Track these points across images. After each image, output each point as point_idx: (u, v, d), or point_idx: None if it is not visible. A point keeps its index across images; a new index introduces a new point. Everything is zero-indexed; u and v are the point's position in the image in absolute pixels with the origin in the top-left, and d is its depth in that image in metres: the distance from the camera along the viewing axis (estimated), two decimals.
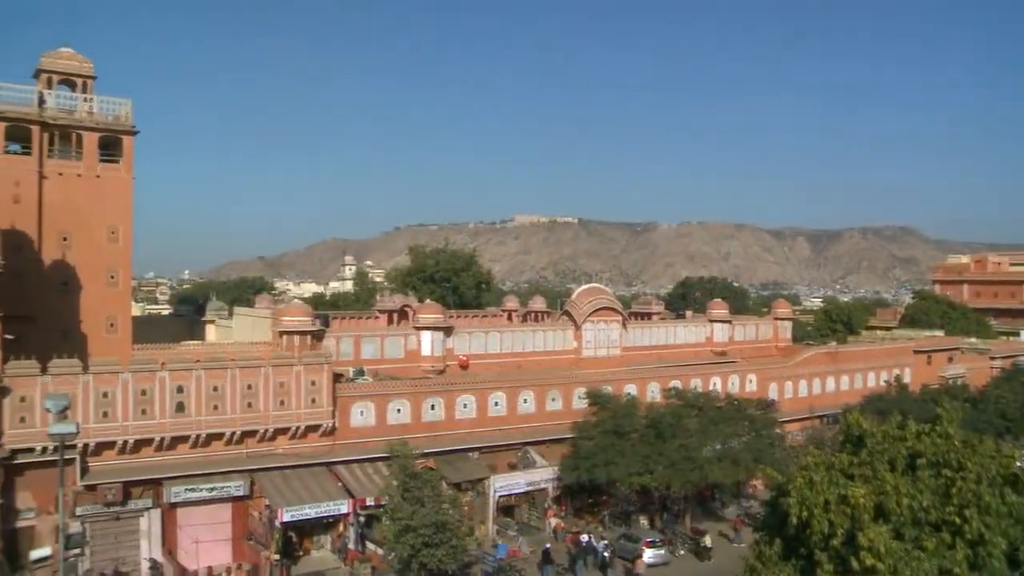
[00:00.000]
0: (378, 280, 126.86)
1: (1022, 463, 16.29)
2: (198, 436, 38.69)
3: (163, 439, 37.97)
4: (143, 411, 37.46)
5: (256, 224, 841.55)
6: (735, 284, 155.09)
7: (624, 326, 61.02)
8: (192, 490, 38.23)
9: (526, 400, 49.01)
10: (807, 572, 16.02)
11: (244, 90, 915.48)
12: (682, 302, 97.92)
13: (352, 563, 39.66)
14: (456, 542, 35.39)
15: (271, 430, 40.58)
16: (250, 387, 39.91)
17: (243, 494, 39.45)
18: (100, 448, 36.86)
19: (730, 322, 68.03)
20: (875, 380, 66.69)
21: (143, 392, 37.46)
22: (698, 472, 44.55)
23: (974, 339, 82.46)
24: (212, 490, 38.69)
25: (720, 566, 39.61)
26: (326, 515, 40.20)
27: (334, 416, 42.09)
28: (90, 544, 36.05)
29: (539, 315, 68.46)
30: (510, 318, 67.54)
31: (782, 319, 73.24)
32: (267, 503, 39.08)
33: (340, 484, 41.11)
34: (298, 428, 41.18)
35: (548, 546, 40.53)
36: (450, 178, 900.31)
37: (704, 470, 44.65)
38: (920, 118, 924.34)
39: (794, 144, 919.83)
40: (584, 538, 41.98)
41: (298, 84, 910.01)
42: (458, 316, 61.29)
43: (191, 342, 52.06)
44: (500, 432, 47.71)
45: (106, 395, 36.73)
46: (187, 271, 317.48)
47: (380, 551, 38.99)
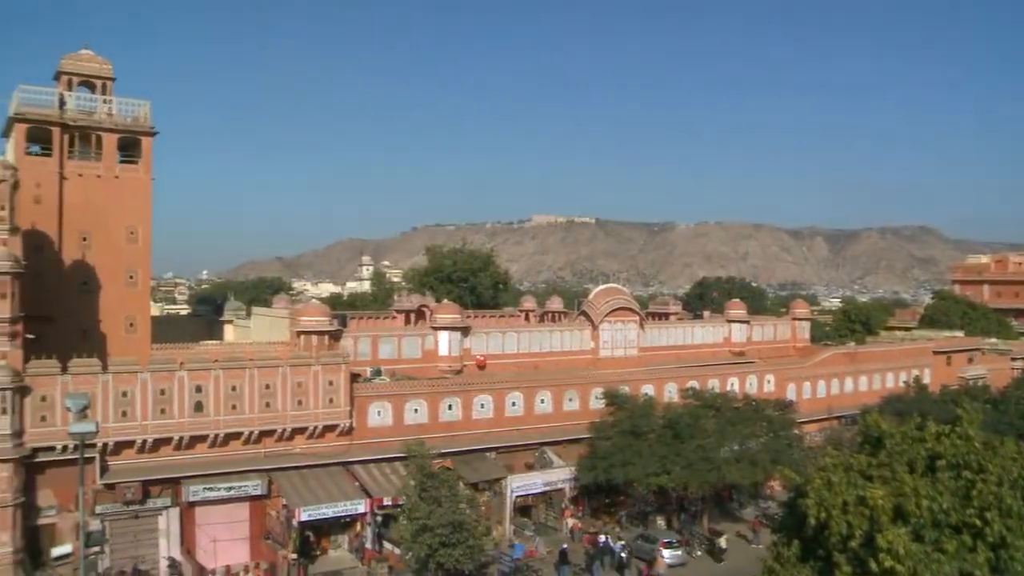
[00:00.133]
0: (395, 280, 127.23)
1: None
2: (216, 435, 38.89)
3: (182, 438, 38.19)
4: (162, 410, 37.71)
5: (274, 224, 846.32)
6: (753, 284, 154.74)
7: (641, 326, 60.85)
8: (210, 489, 38.43)
9: (543, 400, 48.99)
10: (825, 574, 15.96)
11: (262, 90, 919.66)
12: (700, 302, 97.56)
13: (369, 563, 39.76)
14: (473, 542, 35.35)
15: (289, 430, 40.73)
16: (268, 387, 40.08)
17: (261, 493, 39.63)
18: (119, 447, 37.11)
19: (748, 322, 67.74)
20: (894, 381, 66.17)
21: (162, 392, 37.70)
22: (716, 473, 44.36)
23: (995, 340, 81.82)
24: (230, 489, 38.89)
25: (738, 566, 39.43)
26: (343, 515, 40.30)
27: (351, 416, 42.19)
28: (110, 542, 36.35)
29: (556, 315, 68.47)
30: (527, 318, 67.62)
31: (800, 319, 72.97)
32: (285, 502, 39.20)
33: (357, 484, 41.22)
34: (316, 428, 41.30)
35: (565, 546, 40.55)
36: (467, 178, 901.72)
37: (722, 471, 44.46)
38: (939, 117, 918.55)
39: (812, 143, 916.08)
40: (602, 538, 41.92)
41: (311, 84, 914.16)
42: (475, 316, 61.39)
43: (209, 342, 52.29)
44: (517, 432, 47.72)
45: (125, 394, 36.98)
46: (205, 271, 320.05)
47: (397, 551, 39.02)
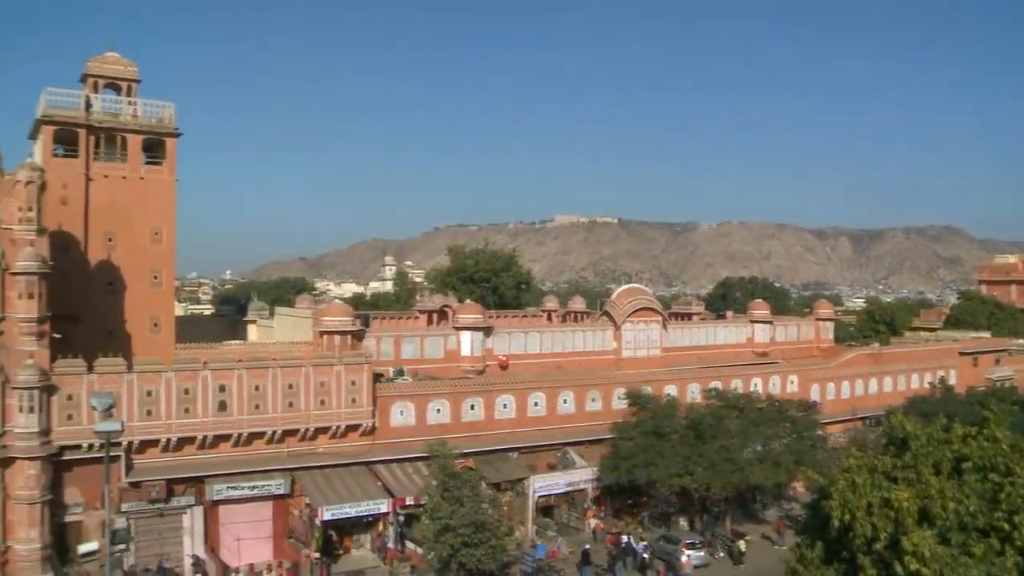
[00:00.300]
0: (418, 280, 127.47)
1: None
2: (240, 435, 39.11)
3: (205, 437, 38.46)
4: (186, 410, 37.98)
5: (297, 225, 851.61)
6: (776, 284, 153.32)
7: (664, 326, 60.65)
8: (234, 488, 38.68)
9: (566, 400, 48.92)
10: None
11: (281, 91, 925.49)
12: (722, 302, 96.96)
13: (391, 562, 39.86)
14: (495, 542, 35.39)
15: (312, 429, 40.89)
16: (291, 386, 40.26)
17: (284, 493, 39.83)
18: (144, 446, 37.43)
19: (771, 323, 67.39)
20: (919, 382, 65.37)
21: (186, 391, 37.97)
22: (739, 474, 44.10)
23: (1023, 341, 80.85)
24: (253, 488, 39.13)
25: (761, 568, 39.18)
26: (366, 514, 40.43)
27: (374, 416, 42.30)
28: (135, 540, 36.55)
29: (579, 315, 68.34)
30: (550, 318, 67.51)
31: (824, 320, 72.48)
32: (307, 502, 39.39)
33: (380, 483, 41.33)
34: (338, 427, 41.45)
35: (587, 547, 40.44)
36: (490, 178, 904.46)
37: (745, 472, 44.21)
38: (965, 116, 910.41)
39: (836, 143, 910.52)
40: (624, 539, 41.82)
41: (331, 85, 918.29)
42: (498, 316, 61.38)
43: (233, 342, 52.68)
44: (540, 432, 47.68)
45: (150, 394, 37.29)
46: (229, 271, 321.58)
47: (419, 550, 39.08)
